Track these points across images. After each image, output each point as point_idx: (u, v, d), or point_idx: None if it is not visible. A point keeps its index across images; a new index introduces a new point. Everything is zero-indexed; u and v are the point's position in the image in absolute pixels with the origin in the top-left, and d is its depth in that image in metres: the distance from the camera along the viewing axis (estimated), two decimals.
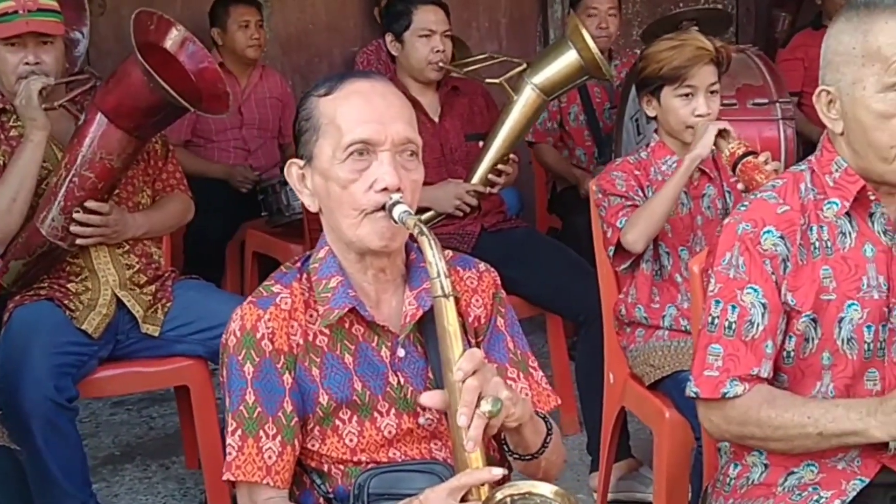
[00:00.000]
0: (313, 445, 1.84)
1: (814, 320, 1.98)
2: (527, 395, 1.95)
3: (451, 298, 1.69)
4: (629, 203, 2.94)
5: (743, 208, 2.04)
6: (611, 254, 2.98)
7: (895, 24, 1.88)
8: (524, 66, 3.73)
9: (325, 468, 1.86)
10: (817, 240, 1.99)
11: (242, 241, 4.94)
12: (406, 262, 1.92)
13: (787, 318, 1.99)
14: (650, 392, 2.92)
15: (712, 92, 2.95)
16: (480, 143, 3.80)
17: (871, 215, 2.00)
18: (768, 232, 1.98)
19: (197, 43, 3.07)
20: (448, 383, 1.68)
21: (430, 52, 3.76)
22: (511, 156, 3.74)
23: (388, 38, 3.84)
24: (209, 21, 5.03)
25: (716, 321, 2.00)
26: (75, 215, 3.00)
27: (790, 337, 2.00)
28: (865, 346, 1.98)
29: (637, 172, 3.01)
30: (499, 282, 2.01)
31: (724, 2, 6.14)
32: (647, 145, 3.09)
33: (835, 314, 1.97)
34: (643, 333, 3.00)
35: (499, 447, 1.91)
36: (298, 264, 1.92)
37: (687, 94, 2.93)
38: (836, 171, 2.00)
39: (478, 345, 1.94)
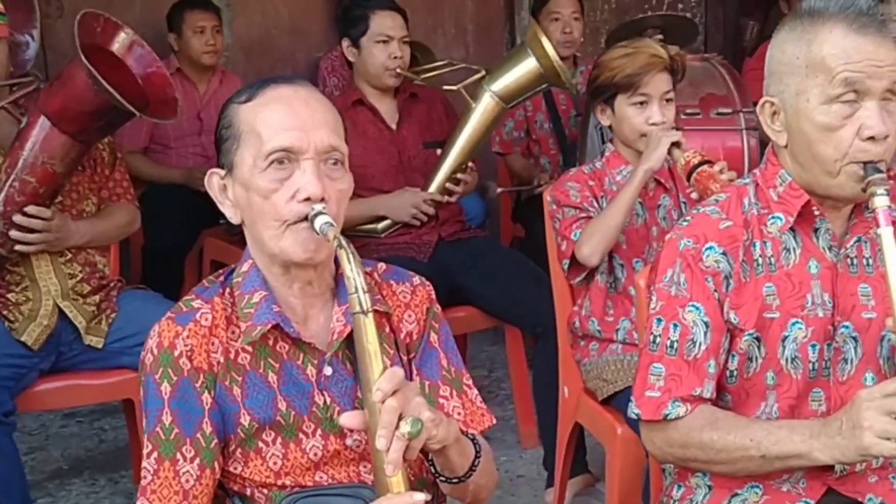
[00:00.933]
0: (235, 468, 1.77)
1: (757, 339, 1.92)
2: (459, 414, 1.88)
3: (370, 315, 1.62)
4: (583, 215, 2.88)
5: (685, 223, 1.98)
6: (565, 267, 2.92)
7: (840, 34, 1.83)
8: (483, 73, 3.66)
9: (248, 492, 1.78)
10: (760, 256, 1.93)
11: (201, 250, 4.85)
12: (335, 275, 1.84)
13: (731, 336, 1.94)
14: (603, 407, 2.86)
15: (667, 100, 2.89)
16: (438, 151, 3.74)
17: (815, 231, 1.94)
18: (710, 248, 1.92)
19: (145, 47, 2.99)
20: (368, 404, 1.61)
21: (387, 59, 3.70)
22: (469, 164, 3.68)
23: (345, 43, 3.78)
24: (167, 26, 4.94)
25: (657, 340, 1.94)
26: (15, 218, 2.91)
27: (733, 356, 1.94)
28: (810, 366, 1.92)
29: (591, 183, 2.95)
30: (433, 296, 1.94)
31: (692, 10, 6.09)
32: (602, 155, 3.03)
33: (778, 333, 1.91)
34: (597, 347, 2.94)
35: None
36: (221, 278, 1.85)
37: (641, 103, 2.88)
38: (781, 185, 1.94)
39: (409, 361, 1.88)
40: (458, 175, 3.67)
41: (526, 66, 3.54)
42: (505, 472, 3.68)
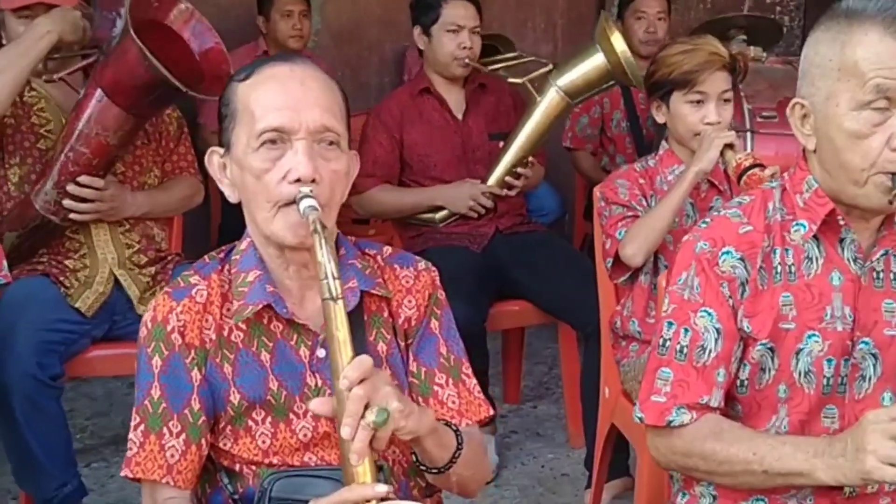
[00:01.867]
0: (225, 445, 1.77)
1: (771, 349, 1.85)
2: (454, 402, 1.86)
3: (340, 302, 1.60)
4: (630, 213, 2.83)
5: (704, 225, 1.92)
6: (608, 265, 2.87)
7: (875, 37, 1.74)
8: (550, 67, 3.62)
9: (237, 468, 1.79)
10: (780, 264, 1.86)
11: None
12: (336, 257, 1.83)
13: (744, 345, 1.87)
14: None
15: (725, 100, 2.82)
16: (501, 144, 3.71)
17: (841, 241, 1.86)
18: (727, 253, 1.86)
19: (204, 22, 3.01)
20: (336, 391, 1.59)
21: (456, 48, 3.68)
22: (530, 159, 3.64)
23: (416, 31, 3.77)
24: (257, 8, 5.00)
25: (667, 344, 1.89)
26: (69, 188, 2.98)
27: (745, 365, 1.87)
28: (824, 381, 1.85)
29: (642, 181, 2.89)
30: (438, 282, 1.92)
31: (791, 14, 5.92)
32: (656, 153, 2.96)
33: (793, 344, 1.84)
34: (636, 348, 2.88)
35: None
36: (222, 255, 1.85)
37: (697, 101, 2.81)
38: (807, 191, 1.87)
39: (407, 347, 1.86)
40: (519, 169, 3.63)
41: (593, 62, 3.49)
42: (550, 470, 3.66)
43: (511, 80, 3.72)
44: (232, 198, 1.81)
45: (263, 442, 1.76)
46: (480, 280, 3.46)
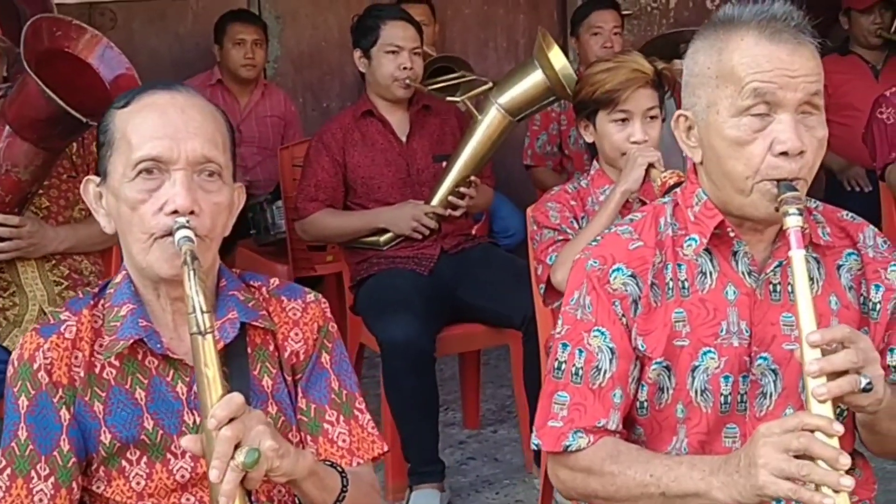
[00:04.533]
0: (98, 487, 1.71)
1: (667, 368, 1.80)
2: (344, 441, 1.80)
3: (209, 337, 1.55)
4: (561, 237, 2.77)
5: (594, 243, 1.87)
6: (542, 291, 2.81)
7: (751, 41, 1.71)
8: (490, 85, 3.58)
9: None
10: (672, 279, 1.81)
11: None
12: (217, 290, 1.78)
13: (640, 364, 1.82)
14: None
15: (651, 117, 2.77)
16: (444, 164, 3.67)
17: (734, 254, 1.81)
18: (618, 270, 1.81)
19: (115, 49, 2.94)
20: (205, 431, 1.54)
21: (396, 69, 3.65)
22: (473, 178, 3.59)
23: (357, 54, 3.75)
24: (213, 37, 4.98)
25: (562, 366, 1.84)
26: None
27: (643, 386, 1.82)
28: (722, 399, 1.79)
29: (573, 203, 2.84)
30: (328, 314, 1.86)
31: None
32: (588, 173, 2.91)
33: (688, 362, 1.79)
34: None
35: None
36: (97, 289, 1.80)
37: (622, 120, 2.76)
38: (697, 204, 1.82)
39: (295, 382, 1.81)
40: (462, 189, 3.58)
41: (533, 79, 3.44)
42: (505, 497, 3.59)
43: (449, 98, 3.68)
44: (108, 228, 1.76)
45: (138, 483, 1.70)
46: (428, 303, 3.40)
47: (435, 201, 3.60)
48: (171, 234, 1.64)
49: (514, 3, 5.74)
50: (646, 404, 1.83)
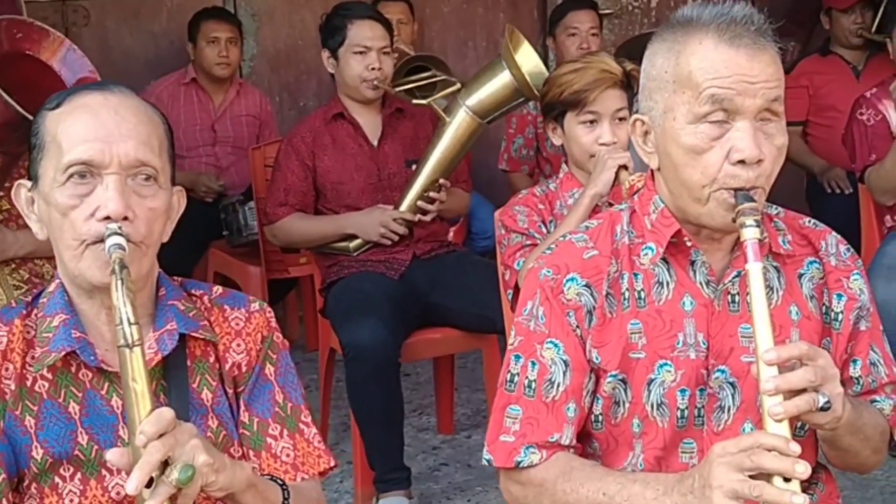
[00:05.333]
0: None
1: (622, 381, 1.74)
2: (288, 455, 1.74)
3: (137, 350, 1.48)
4: (529, 242, 2.71)
5: (549, 251, 1.81)
6: (510, 297, 2.75)
7: (710, 45, 1.65)
8: (458, 86, 3.51)
9: None
10: (628, 289, 1.75)
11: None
12: (156, 298, 1.72)
13: (596, 377, 1.76)
14: None
15: (620, 119, 2.71)
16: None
17: (692, 264, 1.75)
18: (572, 279, 1.75)
19: (77, 52, 2.89)
20: (132, 449, 1.47)
21: (364, 70, 3.57)
22: (442, 181, 3.52)
23: (325, 54, 3.67)
24: (188, 35, 4.91)
25: (515, 379, 1.78)
26: None
27: (598, 399, 1.77)
28: (678, 413, 1.74)
29: (541, 206, 2.78)
30: (273, 323, 1.79)
31: None
32: (558, 176, 2.86)
33: (644, 375, 1.74)
34: None
35: None
36: (30, 298, 1.74)
37: (591, 121, 2.71)
38: (654, 211, 1.77)
39: (237, 395, 1.74)
40: (431, 193, 3.51)
41: (501, 81, 3.37)
42: None
43: (415, 101, 3.61)
44: (40, 235, 1.69)
45: (71, 501, 1.63)
46: (396, 307, 3.33)
47: (404, 207, 3.53)
48: (102, 240, 1.57)
49: (493, 2, 5.68)
50: (601, 418, 1.77)
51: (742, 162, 1.63)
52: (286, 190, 3.60)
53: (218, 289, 1.80)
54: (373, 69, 3.56)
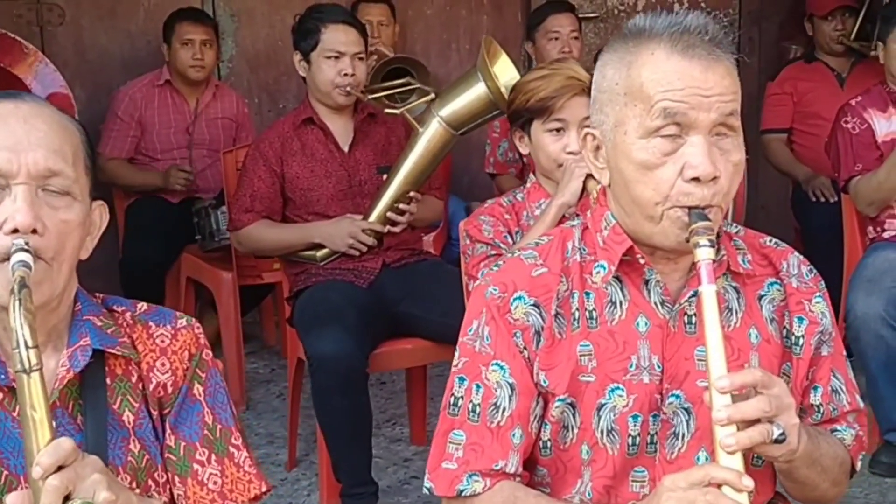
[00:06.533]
0: None
1: (571, 405, 1.66)
2: (215, 482, 1.65)
3: (35, 375, 1.39)
4: (493, 252, 2.63)
5: (496, 268, 1.73)
6: None
7: (662, 56, 1.57)
8: (432, 96, 3.42)
9: None
10: (578, 309, 1.67)
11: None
12: (73, 314, 1.63)
13: (544, 401, 1.68)
14: None
15: (587, 126, 2.62)
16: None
17: (646, 283, 1.67)
18: (519, 298, 1.67)
19: (49, 65, 2.86)
20: (30, 482, 1.39)
21: (336, 75, 3.48)
22: (412, 193, 3.43)
23: (296, 57, 3.58)
24: (162, 36, 4.83)
25: (459, 402, 1.70)
26: None
27: (546, 424, 1.69)
28: (630, 440, 1.66)
29: (507, 216, 2.70)
30: (203, 340, 1.70)
31: (723, 30, 5.73)
32: (525, 186, 2.78)
33: (594, 399, 1.65)
34: None
35: None
36: None
37: (557, 129, 2.62)
38: (606, 228, 1.69)
39: (163, 417, 1.66)
40: (401, 205, 3.42)
41: (475, 92, 3.26)
42: None
43: (388, 110, 3.52)
44: None
45: None
46: (363, 317, 3.24)
47: (373, 217, 3.43)
48: (9, 258, 1.48)
49: (477, 4, 5.59)
50: (549, 444, 1.69)
51: (696, 179, 1.55)
52: (252, 196, 3.51)
53: (142, 305, 1.71)
54: (346, 75, 3.47)
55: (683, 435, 1.67)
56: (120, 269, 4.58)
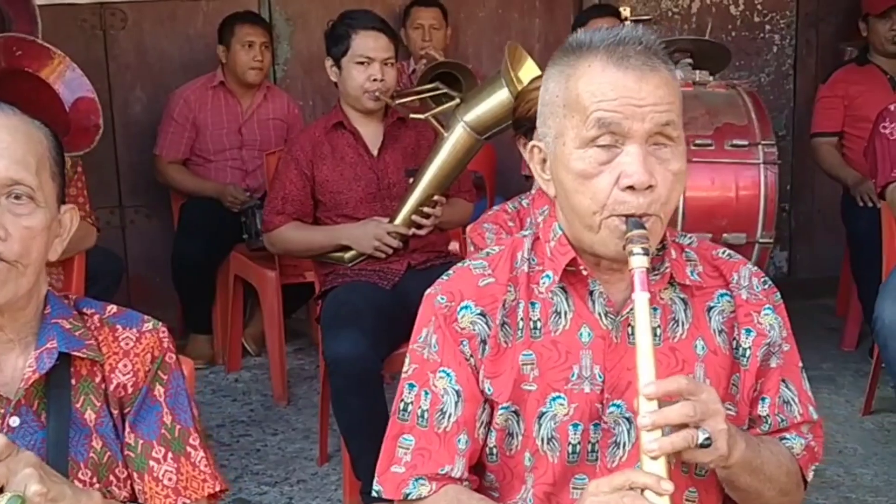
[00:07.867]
0: None
1: (515, 413, 1.70)
2: (170, 479, 1.72)
3: None
4: None
5: (446, 277, 1.77)
6: None
7: (598, 68, 1.60)
8: (457, 101, 3.46)
9: None
10: (523, 319, 1.70)
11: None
12: (42, 315, 1.72)
13: (490, 408, 1.72)
14: None
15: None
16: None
17: (590, 293, 1.70)
18: (466, 307, 1.71)
19: (77, 71, 2.96)
20: None
21: (366, 81, 3.55)
22: (437, 197, 3.48)
23: (328, 63, 3.66)
24: (217, 38, 4.95)
25: (409, 408, 1.75)
26: None
27: (492, 431, 1.72)
28: (570, 448, 1.69)
29: (511, 224, 2.73)
30: (167, 343, 1.76)
31: (781, 32, 5.66)
32: (530, 192, 2.81)
33: (535, 408, 1.69)
34: None
35: None
36: None
37: None
38: (553, 238, 1.72)
39: (123, 417, 1.73)
40: (426, 209, 3.48)
41: (499, 97, 3.31)
42: None
43: (413, 115, 3.58)
44: None
45: None
46: (382, 318, 3.30)
47: (399, 220, 3.50)
48: None
49: (529, 7, 5.61)
50: (496, 451, 1.73)
51: (631, 188, 1.57)
52: (283, 199, 3.61)
53: (112, 308, 1.78)
54: (375, 80, 3.54)
55: (624, 444, 1.69)
56: (171, 265, 4.73)
